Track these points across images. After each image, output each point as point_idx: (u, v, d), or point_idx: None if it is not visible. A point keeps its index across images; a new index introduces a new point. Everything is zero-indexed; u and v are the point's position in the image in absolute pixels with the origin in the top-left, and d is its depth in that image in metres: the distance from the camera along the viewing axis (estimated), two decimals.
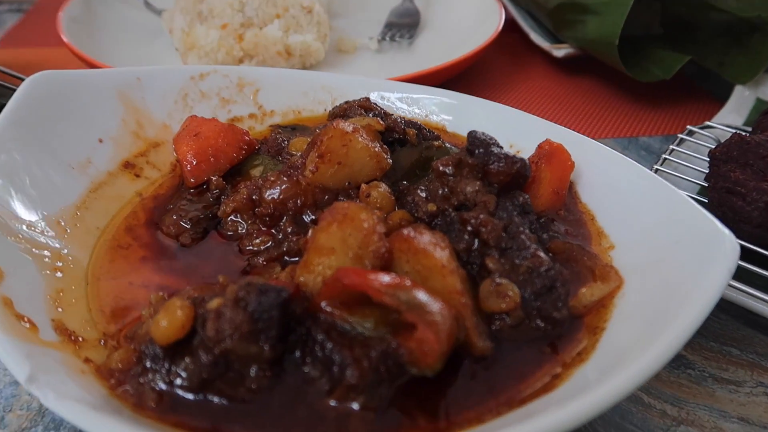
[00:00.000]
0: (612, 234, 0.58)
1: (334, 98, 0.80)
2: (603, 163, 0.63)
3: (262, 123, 0.78)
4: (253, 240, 0.60)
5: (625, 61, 1.04)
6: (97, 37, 1.11)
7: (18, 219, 0.54)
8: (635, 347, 0.44)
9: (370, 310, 0.44)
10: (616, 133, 1.03)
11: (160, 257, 0.60)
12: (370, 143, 0.61)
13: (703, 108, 1.10)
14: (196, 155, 0.65)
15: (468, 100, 0.77)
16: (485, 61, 1.22)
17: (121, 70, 0.71)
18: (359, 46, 1.17)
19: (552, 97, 1.14)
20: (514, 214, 0.55)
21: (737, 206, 0.62)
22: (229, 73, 0.78)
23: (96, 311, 0.51)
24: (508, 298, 0.48)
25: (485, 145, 0.57)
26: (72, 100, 0.65)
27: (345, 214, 0.49)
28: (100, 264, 0.57)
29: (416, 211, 0.58)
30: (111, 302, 0.53)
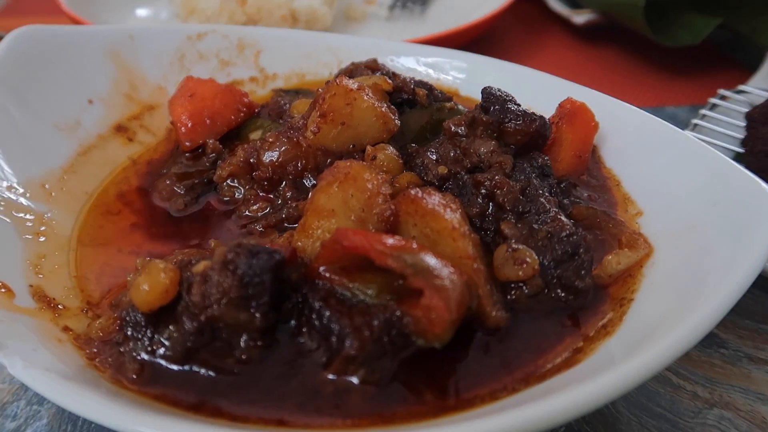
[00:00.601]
0: (639, 200, 0.53)
1: (341, 60, 0.75)
2: (630, 124, 0.58)
3: (264, 87, 0.74)
4: (251, 206, 0.56)
5: (651, 26, 0.98)
6: (96, 3, 1.06)
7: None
8: (666, 321, 0.39)
9: (372, 276, 0.40)
10: (640, 103, 0.97)
11: (152, 224, 0.56)
12: (376, 102, 0.56)
13: (731, 77, 1.03)
14: (192, 117, 0.61)
15: (482, 61, 0.72)
16: (500, 31, 1.16)
17: (112, 28, 0.67)
18: (369, 14, 1.12)
19: (571, 66, 1.08)
20: (533, 176, 0.50)
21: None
22: (228, 33, 0.73)
23: (80, 278, 0.48)
24: (525, 265, 0.43)
25: (501, 101, 0.53)
26: (59, 57, 0.61)
27: (347, 173, 0.45)
28: (87, 230, 0.53)
29: (426, 175, 0.53)
30: (97, 269, 0.49)
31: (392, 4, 1.15)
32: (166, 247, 0.53)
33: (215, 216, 0.58)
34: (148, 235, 0.55)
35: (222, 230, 0.56)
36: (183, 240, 0.54)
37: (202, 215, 0.58)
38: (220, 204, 0.58)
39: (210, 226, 0.56)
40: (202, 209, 0.58)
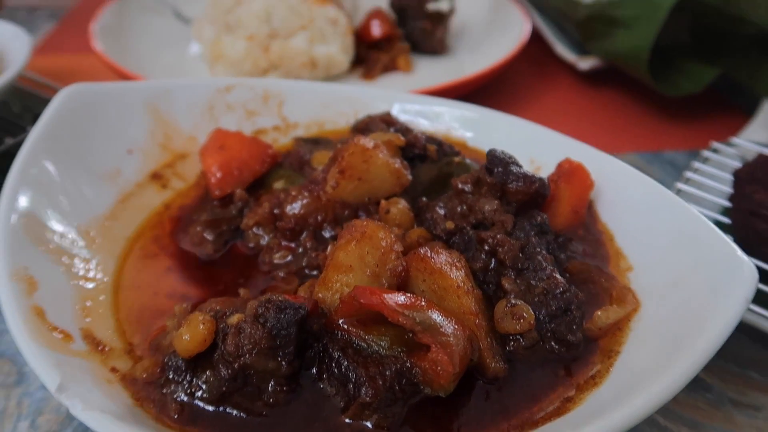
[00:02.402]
0: (630, 255, 0.58)
1: (356, 110, 0.81)
2: (623, 182, 0.62)
3: (286, 135, 0.80)
4: (274, 253, 0.61)
5: (654, 74, 1.03)
6: (128, 45, 1.13)
7: (50, 230, 0.56)
8: (651, 372, 0.44)
9: (385, 329, 0.45)
10: (641, 147, 1.02)
11: (185, 267, 0.62)
12: (390, 159, 0.62)
13: (730, 121, 1.08)
14: (221, 168, 0.67)
15: (489, 115, 0.77)
16: (509, 71, 1.22)
17: (150, 83, 0.73)
18: None
19: (576, 109, 1.13)
20: (532, 234, 0.55)
21: (761, 229, 0.61)
22: (254, 85, 0.79)
23: (123, 321, 0.53)
24: (522, 320, 0.48)
25: (504, 164, 0.58)
26: (103, 112, 0.68)
27: (363, 232, 0.50)
28: (127, 274, 0.59)
29: (434, 229, 0.59)
30: (137, 312, 0.55)
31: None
32: (198, 291, 0.59)
33: (242, 261, 0.63)
34: (181, 279, 0.60)
35: (248, 275, 0.61)
36: (213, 284, 0.60)
37: (229, 260, 0.63)
38: (246, 249, 0.64)
39: (237, 270, 0.62)
40: (229, 254, 0.64)
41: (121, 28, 1.18)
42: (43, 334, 0.45)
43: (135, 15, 1.24)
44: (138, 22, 1.23)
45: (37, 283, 0.50)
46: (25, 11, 1.55)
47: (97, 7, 1.37)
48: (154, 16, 1.26)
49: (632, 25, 1.02)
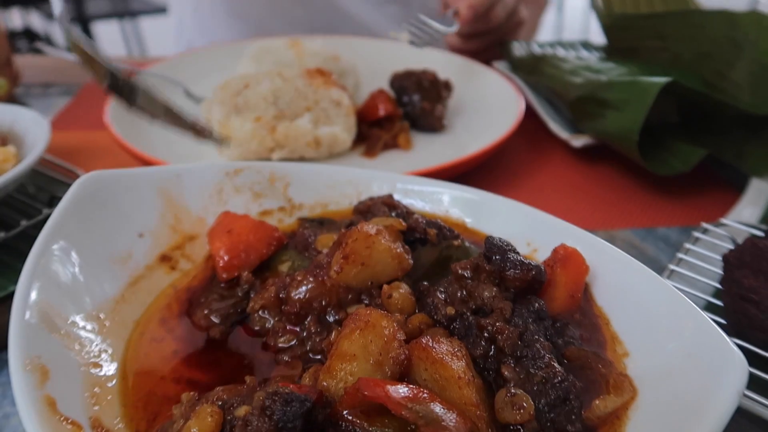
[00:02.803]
0: (626, 340, 0.60)
1: (360, 192, 0.84)
2: (616, 267, 0.65)
3: (291, 216, 0.83)
4: (279, 337, 0.63)
5: (644, 153, 1.07)
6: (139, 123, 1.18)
7: (62, 316, 0.58)
8: None
9: (389, 420, 0.46)
10: (634, 223, 1.05)
11: (191, 350, 0.63)
12: (392, 244, 0.65)
13: (722, 197, 1.11)
14: (229, 251, 0.69)
15: (488, 198, 0.80)
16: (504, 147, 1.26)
17: (162, 169, 0.77)
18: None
19: (570, 184, 1.17)
20: (530, 321, 0.57)
21: (751, 313, 0.63)
22: (261, 168, 0.83)
23: (130, 407, 0.54)
24: (522, 410, 0.49)
25: (502, 252, 0.60)
26: (116, 198, 0.71)
27: (367, 321, 0.52)
28: (134, 358, 0.60)
29: (435, 314, 0.60)
30: (144, 398, 0.56)
31: None
32: (205, 375, 0.60)
33: (247, 344, 0.65)
34: (188, 362, 0.61)
35: (253, 358, 0.62)
36: (219, 367, 0.61)
37: (235, 342, 0.65)
38: (251, 332, 0.66)
39: (242, 353, 0.63)
40: (235, 336, 0.66)
41: None
42: (54, 426, 0.46)
43: None
44: None
45: (49, 372, 0.51)
46: (40, 87, 1.61)
47: None
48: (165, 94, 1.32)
49: (622, 108, 1.07)
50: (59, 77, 1.67)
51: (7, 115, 0.92)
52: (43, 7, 5.06)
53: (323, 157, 1.12)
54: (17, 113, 0.92)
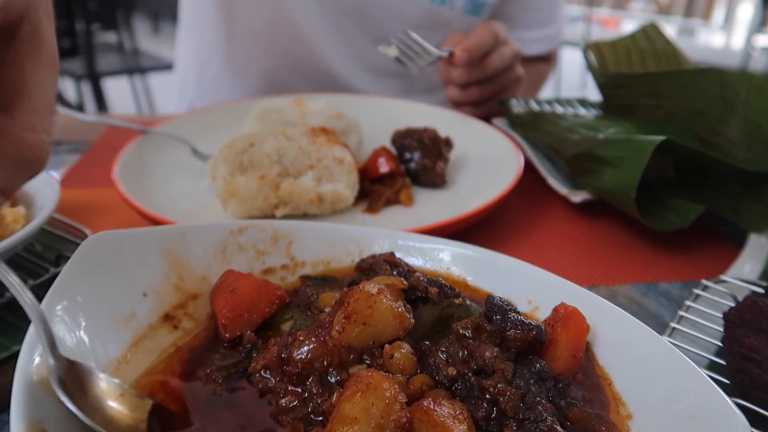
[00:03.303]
0: (629, 402, 0.59)
1: (361, 249, 0.85)
2: (618, 326, 0.65)
3: (294, 274, 0.84)
4: (280, 398, 0.63)
5: (642, 208, 1.08)
6: (147, 180, 1.21)
7: None
8: None
9: None
10: (635, 279, 1.06)
11: (193, 410, 0.63)
12: (393, 303, 0.65)
13: (723, 252, 1.12)
14: (232, 311, 0.70)
15: (488, 255, 0.81)
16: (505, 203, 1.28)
17: (167, 228, 0.78)
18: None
19: (570, 240, 1.18)
20: (532, 382, 0.57)
21: (754, 374, 0.63)
22: (265, 227, 0.84)
23: None
24: None
25: (502, 311, 0.61)
26: (122, 258, 0.72)
27: (369, 383, 0.52)
28: None
29: (437, 375, 0.60)
30: None
31: None
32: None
33: (248, 404, 0.64)
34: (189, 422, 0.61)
35: (255, 419, 0.62)
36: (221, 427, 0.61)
37: (236, 402, 0.64)
38: (253, 392, 0.65)
39: (244, 414, 0.63)
40: (236, 396, 0.65)
41: (141, 163, 1.26)
42: None
43: (155, 151, 1.33)
44: (157, 158, 1.31)
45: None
46: None
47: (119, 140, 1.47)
48: (172, 152, 1.35)
49: (618, 165, 1.09)
50: (69, 135, 1.71)
51: None
52: None
53: (326, 213, 1.14)
54: None
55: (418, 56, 1.43)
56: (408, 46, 1.42)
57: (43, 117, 0.56)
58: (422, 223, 1.02)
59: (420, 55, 1.42)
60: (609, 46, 1.75)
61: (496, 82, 1.60)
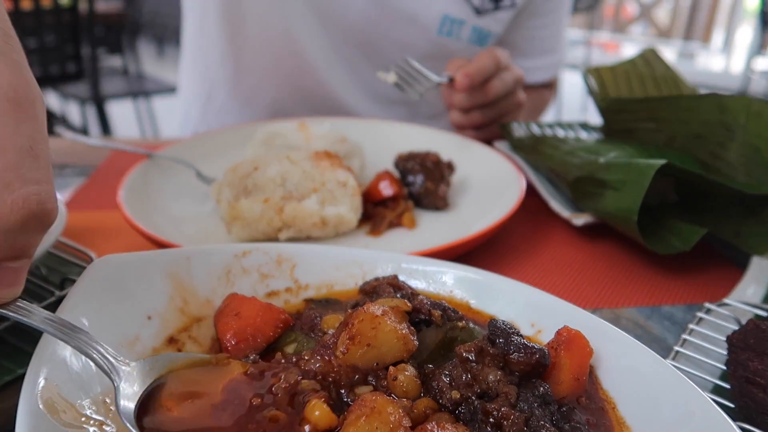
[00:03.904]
0: (633, 425, 0.59)
1: (365, 272, 0.86)
2: (621, 350, 0.65)
3: (297, 296, 0.84)
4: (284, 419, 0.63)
5: (644, 232, 1.09)
6: (152, 204, 1.22)
7: (69, 403, 0.58)
8: None
9: None
10: (639, 302, 1.06)
11: None
12: (398, 326, 0.66)
13: (726, 275, 1.12)
14: (236, 335, 0.70)
15: (491, 279, 0.81)
16: (507, 225, 1.29)
17: (172, 252, 0.79)
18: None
19: (573, 262, 1.18)
20: (535, 406, 0.57)
21: (758, 398, 0.62)
22: (269, 250, 0.85)
23: None
24: None
25: (506, 335, 0.61)
26: (127, 282, 0.72)
27: (373, 407, 0.53)
28: None
29: (441, 398, 0.60)
30: None
31: None
32: None
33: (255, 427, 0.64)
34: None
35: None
36: None
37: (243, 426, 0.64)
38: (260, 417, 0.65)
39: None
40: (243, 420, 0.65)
41: (145, 187, 1.27)
42: None
43: (160, 175, 1.34)
44: (162, 181, 1.32)
45: None
46: (55, 169, 1.67)
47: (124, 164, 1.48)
48: (177, 175, 1.37)
49: (620, 189, 1.10)
50: (75, 159, 1.73)
51: None
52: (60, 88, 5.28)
53: (330, 236, 1.14)
54: None
55: (417, 82, 1.44)
56: (407, 72, 1.44)
57: (21, 166, 0.49)
58: (425, 246, 1.02)
59: (419, 81, 1.44)
60: (609, 70, 1.77)
61: (498, 107, 1.61)
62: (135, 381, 0.61)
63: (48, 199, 0.52)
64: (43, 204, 0.52)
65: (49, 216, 0.53)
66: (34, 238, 0.54)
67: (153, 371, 0.63)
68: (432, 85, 1.47)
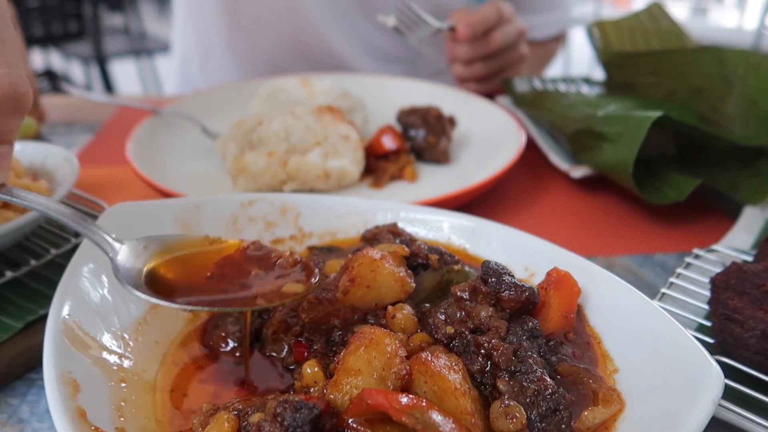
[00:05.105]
0: (616, 358, 0.63)
1: (366, 221, 0.89)
2: (607, 289, 0.69)
3: (302, 244, 0.88)
4: (289, 358, 0.67)
5: (639, 183, 1.11)
6: (159, 158, 1.25)
7: (90, 336, 0.63)
8: None
9: (390, 427, 0.50)
10: (633, 250, 1.09)
11: (211, 370, 0.68)
12: (395, 269, 0.69)
13: (718, 224, 1.15)
14: None
15: (487, 226, 0.84)
16: (507, 177, 1.31)
17: (182, 200, 0.82)
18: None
19: (570, 213, 1.21)
20: (523, 339, 0.61)
21: (736, 333, 0.66)
22: (274, 200, 0.88)
23: (152, 420, 0.59)
24: (515, 419, 0.53)
25: (497, 274, 0.65)
26: (140, 227, 0.76)
27: (371, 339, 0.57)
28: (159, 376, 0.65)
29: (436, 333, 0.64)
30: (168, 413, 0.60)
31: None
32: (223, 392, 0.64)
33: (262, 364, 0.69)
34: (207, 380, 0.66)
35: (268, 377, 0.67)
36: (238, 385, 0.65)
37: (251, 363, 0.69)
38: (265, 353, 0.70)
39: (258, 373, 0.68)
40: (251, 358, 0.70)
41: (153, 142, 1.30)
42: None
43: (166, 130, 1.37)
44: (169, 136, 1.35)
45: (80, 386, 0.55)
46: (63, 126, 1.70)
47: (130, 120, 1.51)
48: (183, 131, 1.39)
49: (617, 141, 1.12)
50: (82, 116, 1.75)
51: (39, 153, 0.98)
52: (63, 47, 5.26)
53: (332, 188, 1.17)
54: (48, 151, 0.98)
55: (417, 27, 1.44)
56: (407, 16, 1.43)
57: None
58: (425, 197, 1.05)
59: (419, 26, 1.43)
60: (613, 25, 1.76)
61: (500, 59, 1.62)
62: (129, 257, 0.66)
63: (20, 82, 0.53)
64: (15, 86, 0.52)
65: (24, 99, 0.54)
66: (11, 121, 0.55)
67: (147, 250, 0.68)
68: (432, 30, 1.46)
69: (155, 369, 0.66)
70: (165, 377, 0.65)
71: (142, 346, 0.67)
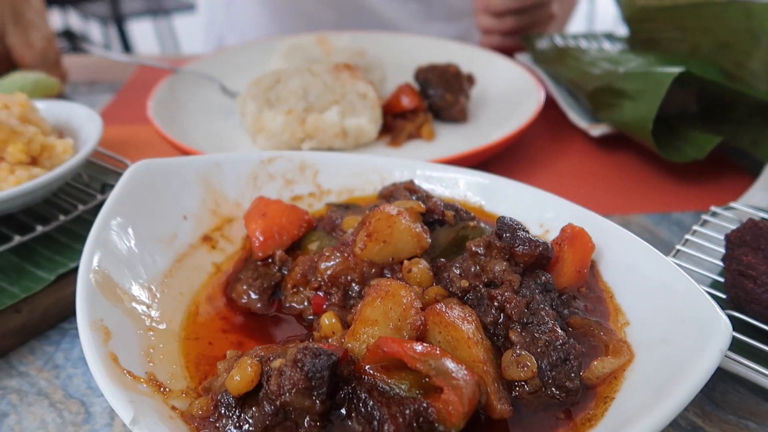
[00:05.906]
0: (628, 311, 0.65)
1: (383, 178, 0.90)
2: (621, 245, 0.70)
3: (320, 201, 0.89)
4: (309, 311, 0.70)
5: (660, 142, 1.10)
6: (180, 117, 1.26)
7: (119, 286, 0.65)
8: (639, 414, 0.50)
9: (405, 374, 0.53)
10: (650, 208, 1.09)
11: (234, 321, 0.71)
12: (412, 224, 0.71)
13: (737, 183, 1.14)
14: (264, 232, 0.76)
15: (503, 183, 0.85)
16: (525, 136, 1.31)
17: (203, 158, 0.84)
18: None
19: (588, 171, 1.21)
20: (536, 292, 0.63)
21: (748, 288, 0.67)
22: (293, 157, 0.89)
23: (180, 366, 0.62)
24: (526, 368, 0.55)
25: (512, 229, 0.66)
26: (163, 184, 0.78)
27: (387, 290, 0.58)
28: (184, 326, 0.68)
29: (451, 287, 0.66)
30: (194, 359, 0.63)
31: None
32: (246, 340, 0.67)
33: (281, 315, 0.72)
34: (231, 330, 0.69)
35: (288, 328, 0.70)
36: (259, 335, 0.68)
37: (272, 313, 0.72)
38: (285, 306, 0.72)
39: (279, 324, 0.70)
40: (272, 308, 0.73)
41: (173, 101, 1.31)
42: (118, 376, 0.54)
43: (185, 89, 1.38)
44: (188, 95, 1.36)
45: (111, 333, 0.59)
46: (85, 85, 1.72)
47: (150, 79, 1.52)
48: (202, 90, 1.40)
49: (637, 98, 1.11)
50: (103, 75, 1.77)
51: (64, 111, 1.00)
52: (81, 7, 5.25)
53: (350, 147, 1.18)
54: (73, 110, 1.00)
55: None
56: None
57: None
58: (443, 156, 1.06)
59: None
60: None
61: (531, 15, 1.59)
62: None
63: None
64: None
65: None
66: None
67: None
68: None
69: (180, 319, 0.69)
70: (190, 327, 0.68)
71: (169, 298, 0.70)
